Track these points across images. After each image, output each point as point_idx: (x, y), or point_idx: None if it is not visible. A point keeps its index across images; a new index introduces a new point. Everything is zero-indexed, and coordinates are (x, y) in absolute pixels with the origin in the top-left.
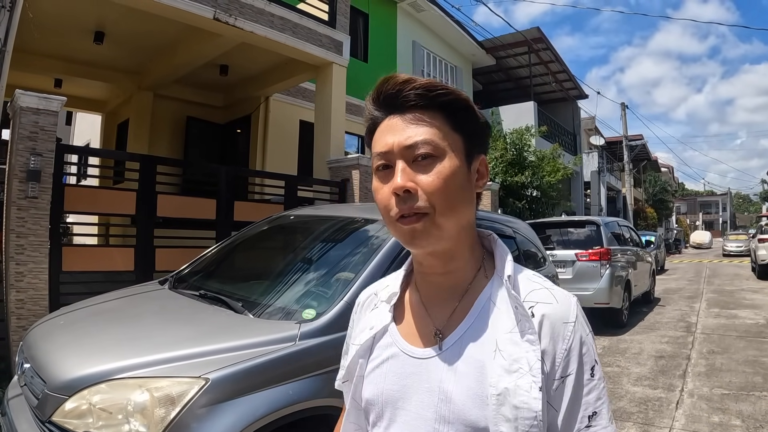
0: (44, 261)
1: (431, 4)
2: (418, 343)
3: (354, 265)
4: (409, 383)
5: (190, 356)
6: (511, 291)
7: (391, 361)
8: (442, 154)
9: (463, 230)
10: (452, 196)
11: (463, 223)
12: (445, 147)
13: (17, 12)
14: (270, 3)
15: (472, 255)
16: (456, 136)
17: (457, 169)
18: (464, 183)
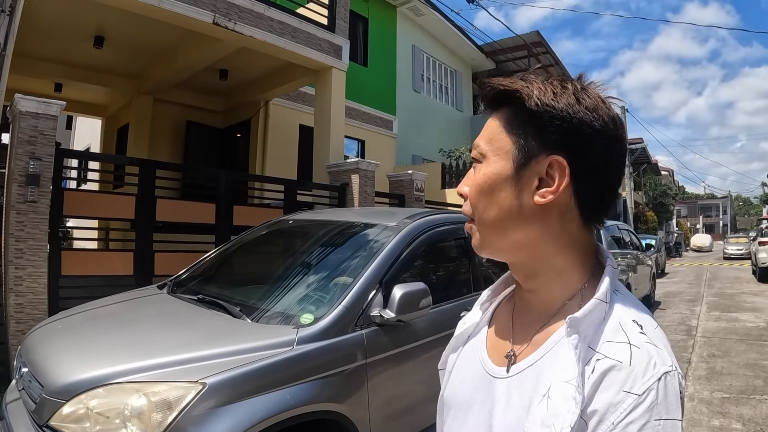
0: (43, 265)
1: (430, 8)
2: (495, 356)
3: (352, 270)
4: (477, 396)
5: (188, 361)
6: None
7: (471, 367)
8: (483, 158)
9: (525, 246)
10: (484, 205)
11: (515, 237)
12: (487, 150)
13: (17, 16)
14: (269, 7)
15: (560, 278)
16: (505, 136)
17: (495, 175)
18: (505, 192)
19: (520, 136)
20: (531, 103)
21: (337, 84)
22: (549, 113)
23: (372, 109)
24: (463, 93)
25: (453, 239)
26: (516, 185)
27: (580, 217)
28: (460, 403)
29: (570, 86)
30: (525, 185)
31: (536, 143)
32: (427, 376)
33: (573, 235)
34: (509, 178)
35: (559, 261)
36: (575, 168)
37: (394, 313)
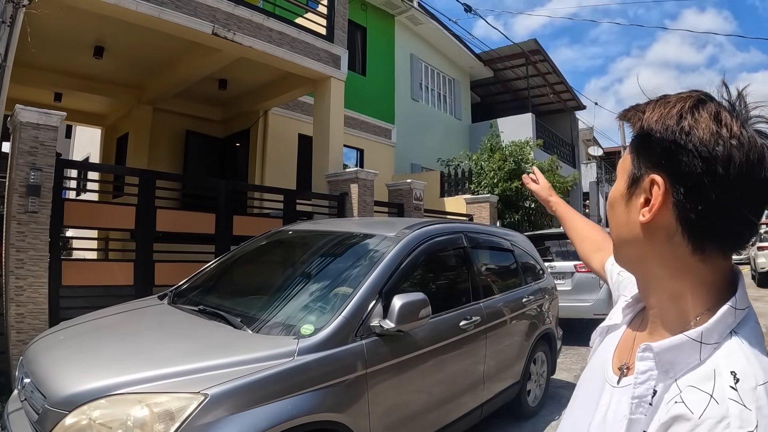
0: (44, 275)
1: (428, 17)
2: (616, 363)
3: (352, 280)
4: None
5: (190, 372)
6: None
7: (599, 363)
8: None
9: (639, 261)
10: (610, 217)
11: (629, 252)
12: (619, 168)
13: (17, 27)
14: (268, 18)
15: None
16: (628, 155)
17: (616, 190)
18: (619, 208)
19: (635, 156)
20: (637, 127)
21: (336, 93)
22: (649, 135)
23: (371, 118)
24: (462, 101)
25: (452, 249)
26: (627, 202)
27: (688, 243)
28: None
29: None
30: (633, 203)
31: (645, 163)
32: (427, 385)
33: (684, 260)
34: (623, 195)
35: (672, 285)
36: (680, 191)
37: (394, 324)
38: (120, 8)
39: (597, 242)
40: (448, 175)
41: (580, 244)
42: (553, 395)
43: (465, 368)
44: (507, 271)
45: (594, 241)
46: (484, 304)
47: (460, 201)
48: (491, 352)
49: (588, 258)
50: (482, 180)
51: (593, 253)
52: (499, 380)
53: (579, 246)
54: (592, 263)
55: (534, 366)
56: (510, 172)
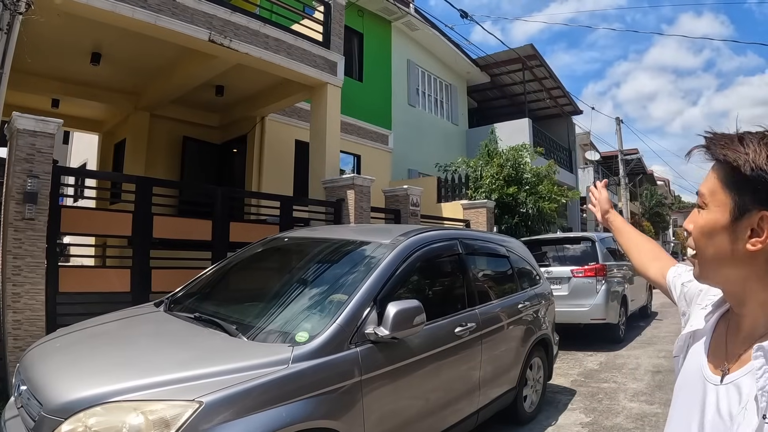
0: (41, 282)
1: (425, 23)
2: (711, 365)
3: (347, 288)
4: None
5: (185, 379)
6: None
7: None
8: (705, 206)
9: (735, 281)
10: (703, 246)
11: (728, 274)
12: (710, 201)
13: (14, 34)
14: (265, 25)
15: (764, 309)
16: (724, 192)
17: (714, 223)
18: (721, 237)
19: (737, 194)
20: (746, 169)
21: (333, 99)
22: (762, 177)
23: (367, 123)
24: (459, 107)
25: (447, 255)
26: (731, 234)
27: None
28: (683, 393)
29: None
30: (739, 234)
31: (750, 200)
32: (423, 392)
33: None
34: (726, 228)
35: (762, 295)
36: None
37: (389, 331)
38: (116, 15)
39: (654, 253)
40: (445, 181)
41: (636, 254)
42: (549, 400)
43: (461, 374)
44: (503, 277)
45: (651, 251)
46: (480, 311)
47: (457, 206)
48: (487, 358)
49: (645, 267)
50: (479, 185)
51: (651, 261)
52: (495, 386)
53: (636, 256)
54: (650, 271)
55: (530, 371)
56: (507, 178)
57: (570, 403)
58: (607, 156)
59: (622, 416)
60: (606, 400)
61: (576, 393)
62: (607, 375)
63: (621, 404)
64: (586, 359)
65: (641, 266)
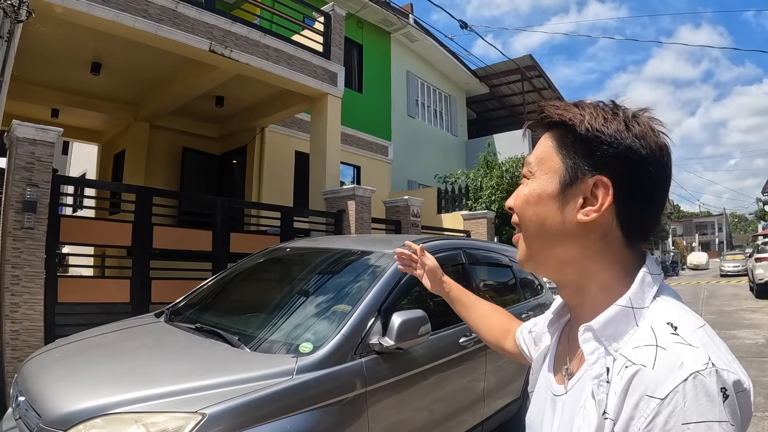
0: (40, 292)
1: (424, 34)
2: (558, 376)
3: (350, 298)
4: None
5: (186, 391)
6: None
7: (542, 389)
8: (531, 176)
9: (569, 262)
10: (527, 220)
11: (558, 252)
12: (538, 169)
13: (15, 42)
14: (265, 35)
15: (604, 293)
16: (556, 156)
17: (539, 190)
18: (548, 207)
19: (569, 157)
20: (582, 128)
21: (333, 110)
22: (598, 138)
23: (367, 134)
24: (458, 117)
25: (451, 265)
26: (561, 202)
27: (622, 237)
28: (535, 425)
29: (621, 113)
30: (569, 203)
31: (584, 164)
32: (427, 403)
33: (615, 253)
34: (555, 195)
35: (602, 277)
36: (619, 190)
37: (393, 341)
38: (118, 25)
39: (503, 324)
40: (445, 192)
41: (487, 332)
42: None
43: (465, 385)
44: (506, 287)
45: (500, 324)
46: None
47: (457, 217)
48: (491, 368)
49: (500, 343)
50: (479, 196)
51: (504, 336)
52: (500, 397)
53: (487, 334)
54: (505, 346)
55: None
56: (507, 189)
57: None
58: None
59: None
60: None
61: None
62: None
63: None
64: None
65: (496, 344)
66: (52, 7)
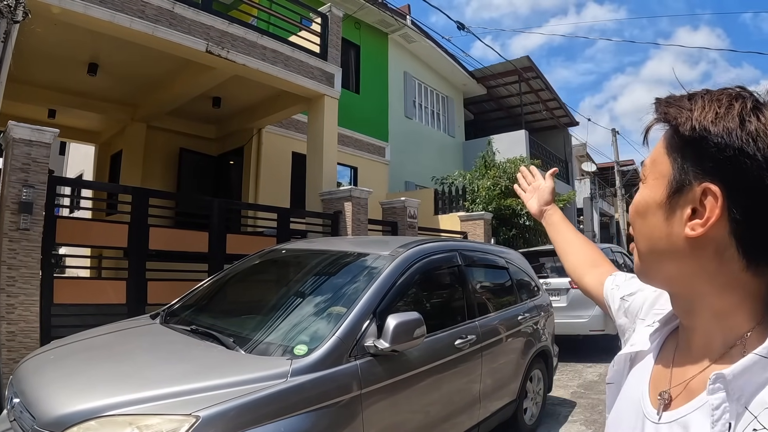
0: (35, 293)
1: (422, 35)
2: (654, 394)
3: (346, 300)
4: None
5: (181, 393)
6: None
7: (632, 399)
8: (644, 178)
9: (678, 279)
10: (638, 228)
11: (667, 269)
12: (650, 172)
13: (11, 43)
14: (262, 36)
15: (719, 321)
16: (665, 158)
17: (648, 199)
18: (656, 219)
19: (678, 160)
20: (686, 128)
21: (330, 111)
22: (705, 138)
23: (364, 136)
24: (455, 119)
25: (447, 267)
26: (667, 212)
27: (740, 258)
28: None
29: (738, 105)
30: (676, 214)
31: (692, 169)
32: (423, 405)
33: (733, 275)
34: (661, 204)
35: (716, 302)
36: (733, 201)
37: (389, 344)
38: (114, 25)
39: (593, 258)
40: (442, 193)
41: (572, 258)
42: (549, 413)
43: (461, 387)
44: (502, 289)
45: (590, 257)
46: (480, 323)
47: (454, 218)
48: (487, 370)
49: (580, 274)
50: (477, 197)
51: (588, 268)
52: (496, 399)
53: (571, 260)
54: (585, 279)
55: (530, 384)
56: (504, 189)
57: (570, 415)
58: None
59: None
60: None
61: (576, 405)
62: None
63: None
64: (585, 371)
65: (576, 273)
66: (48, 8)
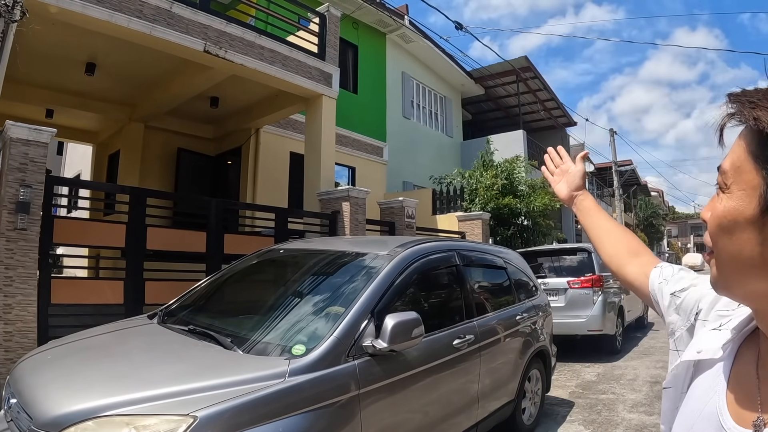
0: (33, 293)
1: (420, 35)
2: (735, 412)
3: (344, 300)
4: None
5: (179, 393)
6: None
7: (705, 412)
8: (726, 188)
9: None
10: (722, 245)
11: (755, 287)
12: (734, 180)
13: (9, 42)
14: (260, 36)
15: None
16: (752, 167)
17: (735, 212)
18: (746, 235)
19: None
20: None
21: (328, 111)
22: None
23: (362, 136)
24: (453, 119)
25: (445, 267)
26: (761, 229)
27: None
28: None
29: None
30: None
31: None
32: (421, 405)
33: None
34: (754, 220)
35: None
36: None
37: (387, 343)
38: (112, 25)
39: (632, 246)
40: (440, 193)
41: (610, 246)
42: (548, 413)
43: (459, 387)
44: (500, 289)
45: (628, 244)
46: (478, 323)
47: (452, 218)
48: (485, 370)
49: (620, 263)
50: (474, 197)
51: (629, 257)
52: (494, 399)
53: (608, 248)
54: (627, 269)
55: (529, 384)
56: (502, 189)
57: (569, 415)
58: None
59: (622, 427)
60: (605, 412)
61: (574, 405)
62: (606, 386)
63: (620, 415)
64: (583, 371)
65: (614, 262)
66: (46, 7)
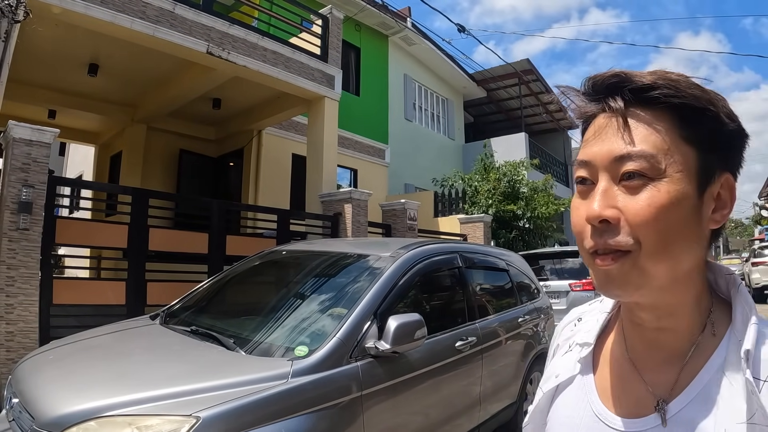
0: (35, 293)
1: (422, 37)
2: (622, 410)
3: (346, 301)
4: None
5: (181, 394)
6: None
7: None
8: (659, 174)
9: (683, 279)
10: (668, 233)
11: (682, 269)
12: (666, 164)
13: (12, 43)
14: (263, 37)
15: (698, 307)
16: (687, 148)
17: (681, 196)
18: (689, 216)
19: (703, 150)
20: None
21: (330, 113)
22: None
23: (364, 138)
24: (455, 121)
25: (447, 269)
26: (699, 209)
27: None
28: None
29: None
30: (705, 209)
31: (715, 159)
32: (423, 407)
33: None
34: (694, 201)
35: (697, 290)
36: None
37: (389, 345)
38: (115, 26)
39: None
40: (441, 195)
41: None
42: None
43: (461, 389)
44: (502, 291)
45: None
46: (480, 325)
47: (453, 221)
48: (487, 372)
49: None
50: (476, 200)
51: None
52: (496, 401)
53: None
54: None
55: (531, 386)
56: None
57: None
58: None
59: None
60: None
61: None
62: None
63: None
64: None
65: None
66: (49, 8)
